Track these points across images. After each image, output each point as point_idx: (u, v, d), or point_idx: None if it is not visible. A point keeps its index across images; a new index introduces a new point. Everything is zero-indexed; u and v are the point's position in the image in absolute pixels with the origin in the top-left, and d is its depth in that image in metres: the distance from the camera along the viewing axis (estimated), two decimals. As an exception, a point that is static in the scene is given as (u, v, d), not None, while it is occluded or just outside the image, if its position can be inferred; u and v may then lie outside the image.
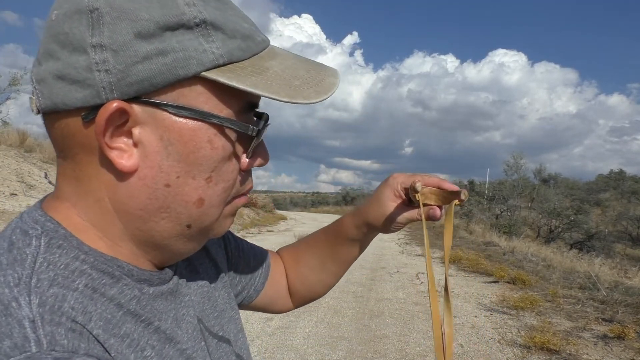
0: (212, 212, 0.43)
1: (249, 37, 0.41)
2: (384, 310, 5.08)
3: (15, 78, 12.30)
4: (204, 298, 0.54)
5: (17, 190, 8.37)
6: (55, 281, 0.36)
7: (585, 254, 12.46)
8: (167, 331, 0.44)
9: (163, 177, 0.39)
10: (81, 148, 0.39)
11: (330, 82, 0.42)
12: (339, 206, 40.75)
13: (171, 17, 0.36)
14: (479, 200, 22.44)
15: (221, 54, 0.38)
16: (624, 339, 4.09)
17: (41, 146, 11.53)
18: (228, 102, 0.40)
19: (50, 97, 0.37)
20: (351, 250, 0.72)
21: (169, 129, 0.38)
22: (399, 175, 0.65)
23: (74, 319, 0.35)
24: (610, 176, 41.01)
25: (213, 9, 0.39)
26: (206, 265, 0.58)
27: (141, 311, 0.42)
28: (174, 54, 0.36)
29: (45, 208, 0.42)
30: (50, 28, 0.38)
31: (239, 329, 0.59)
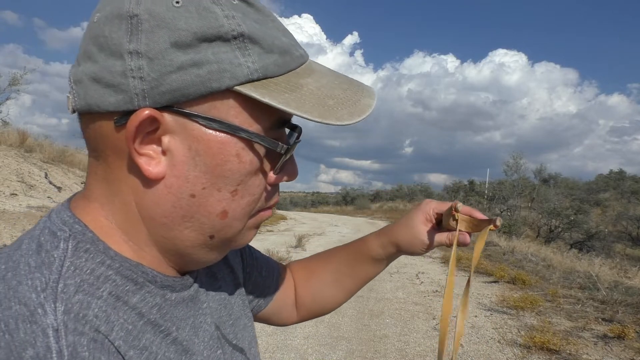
0: (236, 224, 0.43)
1: (286, 52, 0.40)
2: (384, 310, 5.08)
3: (15, 78, 12.31)
4: (221, 305, 0.54)
5: (17, 190, 8.37)
6: (81, 287, 0.36)
7: (585, 254, 12.45)
8: (184, 342, 0.44)
9: (189, 187, 0.40)
10: (112, 150, 0.39)
11: (365, 104, 0.42)
12: (339, 206, 40.74)
13: (209, 28, 0.36)
14: (479, 200, 22.43)
15: (256, 68, 0.38)
16: (624, 339, 4.09)
17: (41, 146, 11.53)
18: (259, 117, 0.40)
19: (85, 98, 0.38)
20: (372, 268, 0.73)
21: (197, 140, 0.38)
22: (432, 201, 0.68)
23: (97, 329, 0.35)
24: (610, 176, 41.01)
25: (252, 21, 0.39)
26: (224, 272, 0.59)
27: (161, 320, 0.42)
28: (208, 66, 0.36)
29: (74, 208, 0.42)
30: (91, 30, 0.38)
31: (252, 336, 0.59)
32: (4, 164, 9.26)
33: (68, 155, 12.21)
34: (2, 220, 6.30)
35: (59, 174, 10.85)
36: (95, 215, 0.41)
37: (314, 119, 0.38)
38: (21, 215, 6.83)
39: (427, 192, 42.46)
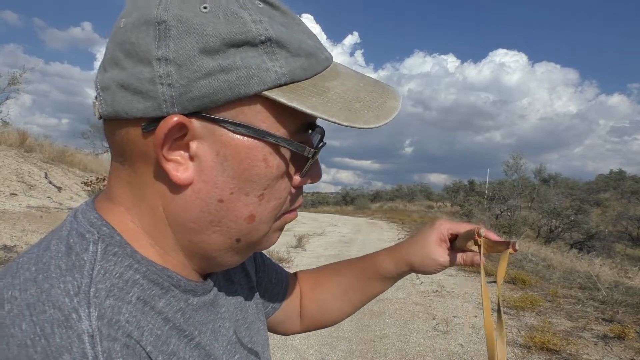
0: (262, 227, 0.44)
1: (312, 55, 0.40)
2: (384, 310, 5.08)
3: (15, 77, 12.31)
4: (237, 309, 0.55)
5: (17, 190, 8.37)
6: (112, 292, 0.37)
7: (586, 254, 12.45)
8: (207, 347, 0.45)
9: (217, 192, 0.40)
10: (139, 156, 0.39)
11: (391, 106, 0.41)
12: (339, 206, 40.75)
13: (237, 34, 0.36)
14: (479, 200, 22.43)
15: (284, 73, 0.38)
16: (624, 339, 4.09)
17: (41, 146, 11.53)
18: (286, 122, 0.40)
19: (112, 104, 0.38)
20: (381, 285, 0.73)
21: (225, 145, 0.38)
22: (446, 222, 0.68)
23: (130, 334, 0.35)
24: (610, 176, 41.03)
25: (279, 25, 0.38)
26: (239, 276, 0.59)
27: (185, 325, 0.42)
28: (236, 72, 0.36)
29: (99, 210, 0.42)
30: (118, 35, 0.38)
31: (265, 340, 0.60)
32: (4, 164, 9.26)
33: (68, 155, 12.21)
34: (2, 220, 6.30)
35: (59, 174, 10.85)
36: (121, 218, 0.41)
37: (341, 122, 0.38)
38: (21, 215, 6.83)
39: (427, 192, 42.47)
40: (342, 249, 9.97)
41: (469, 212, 18.43)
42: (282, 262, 7.26)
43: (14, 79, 12.30)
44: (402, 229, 16.80)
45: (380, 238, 13.25)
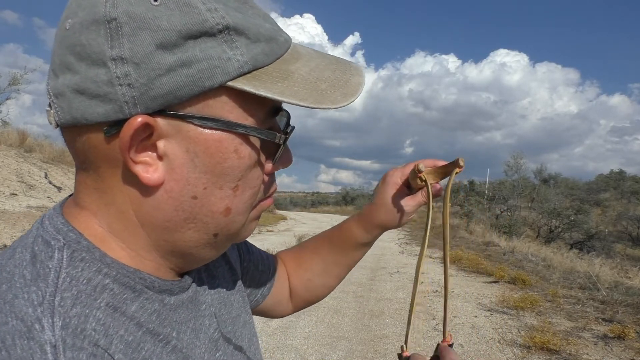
0: (239, 219, 0.43)
1: (272, 39, 0.39)
2: (384, 310, 5.08)
3: (15, 78, 12.31)
4: (221, 303, 0.54)
5: (17, 190, 8.36)
6: (79, 299, 0.36)
7: (586, 254, 12.45)
8: (185, 349, 0.43)
9: (190, 189, 0.39)
10: (104, 161, 0.38)
11: (356, 82, 0.41)
12: (339, 206, 40.74)
13: (193, 25, 0.35)
14: (479, 200, 22.42)
15: (246, 60, 0.37)
16: (624, 339, 4.09)
17: (41, 146, 11.53)
18: (253, 110, 0.39)
19: (69, 111, 0.36)
20: (358, 253, 0.75)
21: (194, 141, 0.37)
22: (395, 170, 0.68)
23: (96, 343, 0.35)
24: (610, 176, 40.99)
25: (234, 10, 0.37)
26: (222, 268, 0.58)
27: (160, 328, 0.41)
28: (198, 65, 0.35)
29: (67, 215, 0.41)
30: (65, 38, 0.36)
31: (252, 333, 0.59)
32: (4, 164, 9.26)
33: (68, 155, 12.20)
34: (2, 220, 6.30)
35: (59, 174, 10.85)
36: (89, 223, 0.40)
37: (311, 105, 0.37)
38: (21, 215, 6.83)
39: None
40: (342, 249, 9.96)
41: (469, 212, 18.42)
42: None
43: (14, 80, 12.30)
44: (402, 229, 16.79)
45: (380, 238, 13.22)
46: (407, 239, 13.04)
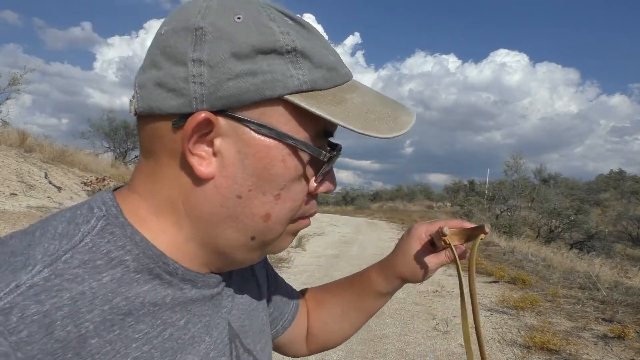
0: (277, 228, 0.45)
1: (333, 69, 0.43)
2: (384, 310, 5.08)
3: (15, 78, 12.31)
4: (245, 315, 0.55)
5: (17, 190, 8.37)
6: (86, 266, 0.38)
7: (586, 254, 12.45)
8: (185, 339, 0.44)
9: (236, 188, 0.42)
10: (165, 150, 0.42)
11: (404, 121, 0.44)
12: (338, 206, 40.76)
13: (266, 42, 0.39)
14: (479, 200, 22.43)
15: (306, 80, 0.41)
16: (624, 339, 4.09)
17: (41, 146, 11.53)
18: (305, 126, 0.42)
19: (148, 101, 0.41)
20: (378, 302, 0.73)
21: (247, 144, 0.41)
22: (421, 225, 0.68)
23: (61, 308, 0.35)
24: (610, 176, 41.02)
25: (304, 39, 0.41)
26: (252, 285, 0.60)
27: (165, 312, 0.42)
28: (262, 76, 0.39)
29: (117, 194, 0.45)
30: (159, 41, 0.41)
31: (270, 352, 0.60)
32: (4, 164, 9.27)
33: (68, 155, 12.21)
34: (2, 220, 6.30)
35: (59, 174, 10.85)
36: (134, 204, 0.44)
37: (357, 129, 0.40)
38: (21, 215, 6.84)
39: (427, 192, 42.47)
40: (342, 249, 9.97)
41: (469, 212, 18.42)
42: (282, 262, 7.27)
43: (14, 80, 12.29)
44: (402, 229, 16.79)
45: (380, 238, 13.24)
46: (407, 239, 13.04)
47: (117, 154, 18.03)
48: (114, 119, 18.03)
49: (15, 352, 0.33)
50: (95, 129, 18.13)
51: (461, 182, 33.63)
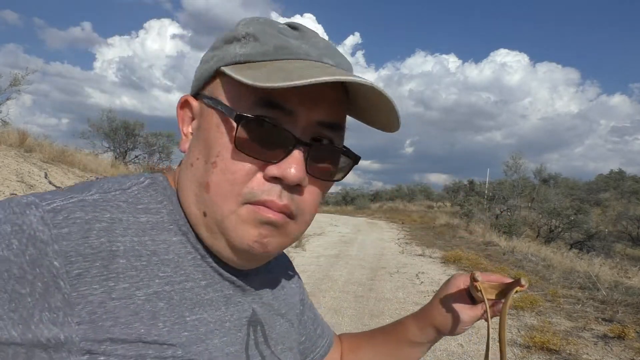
0: (220, 202, 0.44)
1: (283, 48, 0.45)
2: (384, 310, 5.08)
3: (16, 78, 12.30)
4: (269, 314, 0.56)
5: (17, 190, 8.37)
6: (129, 204, 0.45)
7: (585, 254, 12.45)
8: (195, 298, 0.46)
9: (191, 157, 0.47)
10: None
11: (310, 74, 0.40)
12: (339, 206, 40.73)
13: (231, 34, 0.47)
14: (479, 200, 22.41)
15: (242, 53, 0.45)
16: (624, 339, 4.09)
17: (41, 146, 11.53)
18: (243, 95, 0.44)
19: None
20: (413, 351, 0.70)
21: (202, 117, 0.47)
22: (459, 276, 0.66)
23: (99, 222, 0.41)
24: (610, 176, 41.00)
25: (263, 27, 0.46)
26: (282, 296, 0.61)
27: (186, 268, 0.46)
28: (216, 57, 0.47)
29: (168, 169, 0.55)
30: None
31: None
32: (4, 164, 9.27)
33: (68, 155, 12.21)
34: (2, 220, 6.30)
35: (59, 174, 10.85)
36: (173, 176, 0.51)
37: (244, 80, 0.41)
38: (21, 215, 6.83)
39: (427, 192, 42.45)
40: (342, 249, 9.97)
41: (469, 212, 18.41)
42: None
43: (15, 80, 12.29)
44: (402, 229, 16.80)
45: (380, 238, 13.24)
46: (407, 239, 13.05)
47: (117, 154, 18.00)
48: (114, 119, 17.98)
49: (53, 242, 0.38)
50: (95, 129, 18.10)
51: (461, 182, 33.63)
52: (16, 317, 0.36)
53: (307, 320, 0.68)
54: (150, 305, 0.42)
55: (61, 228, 0.39)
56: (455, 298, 0.64)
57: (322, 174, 0.47)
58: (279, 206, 0.44)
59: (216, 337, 0.47)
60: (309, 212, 0.48)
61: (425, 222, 19.65)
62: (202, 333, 0.45)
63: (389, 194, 45.68)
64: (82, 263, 0.39)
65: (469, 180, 32.43)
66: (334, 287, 6.05)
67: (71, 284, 0.38)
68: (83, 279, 0.38)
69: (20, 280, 0.37)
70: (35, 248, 0.37)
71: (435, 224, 18.11)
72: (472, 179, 32.36)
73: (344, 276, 6.86)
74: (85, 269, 0.39)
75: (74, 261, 0.38)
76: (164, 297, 0.43)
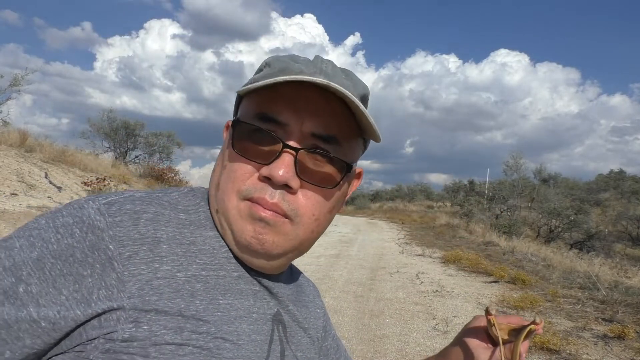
0: (225, 198, 0.51)
1: (283, 70, 0.50)
2: (384, 310, 5.09)
3: (17, 79, 12.30)
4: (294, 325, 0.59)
5: (17, 190, 8.37)
6: (171, 204, 0.51)
7: (585, 254, 12.45)
8: (236, 287, 0.52)
9: (217, 164, 0.55)
10: None
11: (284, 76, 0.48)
12: (339, 206, 40.64)
13: (259, 66, 0.55)
14: (479, 200, 22.42)
15: (254, 78, 0.52)
16: (624, 339, 4.09)
17: (41, 146, 11.53)
18: (248, 112, 0.52)
19: None
20: None
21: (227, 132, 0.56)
22: (480, 317, 0.65)
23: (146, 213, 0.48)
24: (610, 176, 40.97)
25: (281, 57, 0.53)
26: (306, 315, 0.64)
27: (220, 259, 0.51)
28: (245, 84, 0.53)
29: None
30: None
31: None
32: (4, 164, 9.27)
33: (68, 155, 12.21)
34: (2, 220, 6.31)
35: (59, 173, 10.85)
36: None
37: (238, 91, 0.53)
38: (21, 215, 6.84)
39: (427, 192, 42.42)
40: (342, 249, 9.97)
41: (469, 212, 18.41)
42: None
43: (15, 80, 12.28)
44: (402, 229, 16.79)
45: (380, 238, 13.24)
46: (407, 239, 13.05)
47: (117, 154, 17.99)
48: (114, 119, 17.97)
49: (108, 229, 0.45)
50: (95, 129, 18.10)
51: (461, 182, 33.62)
52: (79, 296, 0.42)
53: (329, 348, 0.70)
54: (189, 286, 0.47)
55: (115, 217, 0.46)
56: (474, 338, 0.63)
57: (314, 179, 0.51)
58: (269, 204, 0.49)
59: (244, 322, 0.51)
60: (308, 215, 0.51)
61: (425, 222, 19.66)
62: (232, 316, 0.50)
63: (389, 194, 45.67)
64: (132, 247, 0.45)
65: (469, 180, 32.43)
66: (334, 287, 6.05)
67: (123, 265, 0.44)
68: (133, 260, 0.45)
69: (83, 263, 0.43)
70: (94, 234, 0.44)
71: (435, 224, 18.11)
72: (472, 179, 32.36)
73: (344, 276, 6.86)
74: (135, 252, 0.45)
75: (126, 244, 0.45)
76: (201, 280, 0.48)
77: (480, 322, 0.64)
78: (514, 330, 0.58)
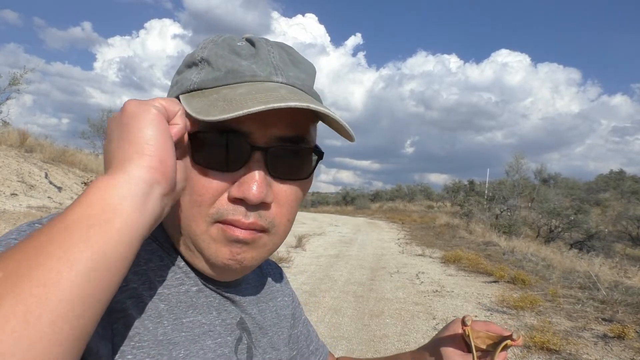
0: (192, 225, 0.47)
1: (233, 71, 0.47)
2: (384, 310, 5.09)
3: (16, 78, 12.30)
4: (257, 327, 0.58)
5: (17, 190, 8.37)
6: None
7: (585, 254, 12.44)
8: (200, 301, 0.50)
9: None
10: None
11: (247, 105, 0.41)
12: (339, 206, 40.72)
13: (191, 57, 0.50)
14: (479, 200, 22.41)
15: (196, 81, 0.48)
16: (624, 339, 4.09)
17: (41, 146, 11.53)
18: (193, 121, 0.45)
19: None
20: None
21: None
22: (459, 320, 0.64)
23: None
24: (610, 176, 40.95)
25: (218, 50, 0.49)
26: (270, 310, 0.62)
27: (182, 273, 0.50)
28: (179, 82, 0.50)
29: None
30: None
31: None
32: (4, 164, 9.27)
33: (68, 155, 12.21)
34: (2, 220, 6.31)
35: (59, 174, 10.85)
36: None
37: (190, 112, 0.43)
38: (21, 215, 6.84)
39: (427, 192, 42.43)
40: (342, 249, 9.97)
41: (469, 212, 18.40)
42: (282, 262, 7.27)
43: (14, 80, 12.28)
44: (402, 229, 16.79)
45: (380, 238, 13.24)
46: (407, 239, 13.04)
47: (117, 154, 17.93)
48: (114, 119, 17.90)
49: None
50: (95, 129, 18.09)
51: (461, 182, 33.59)
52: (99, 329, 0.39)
53: (299, 335, 0.69)
54: (154, 305, 0.45)
55: None
56: (450, 343, 0.63)
57: (286, 173, 0.48)
58: (245, 224, 0.46)
59: (209, 339, 0.49)
60: (283, 222, 0.50)
61: (425, 222, 19.65)
62: (196, 334, 0.48)
63: (389, 194, 45.66)
64: None
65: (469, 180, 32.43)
66: (334, 287, 6.05)
67: None
68: None
69: None
70: None
71: (435, 224, 18.10)
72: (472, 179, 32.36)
73: (344, 276, 6.86)
74: None
75: None
76: (164, 299, 0.47)
77: (457, 326, 0.63)
78: (491, 341, 0.57)
